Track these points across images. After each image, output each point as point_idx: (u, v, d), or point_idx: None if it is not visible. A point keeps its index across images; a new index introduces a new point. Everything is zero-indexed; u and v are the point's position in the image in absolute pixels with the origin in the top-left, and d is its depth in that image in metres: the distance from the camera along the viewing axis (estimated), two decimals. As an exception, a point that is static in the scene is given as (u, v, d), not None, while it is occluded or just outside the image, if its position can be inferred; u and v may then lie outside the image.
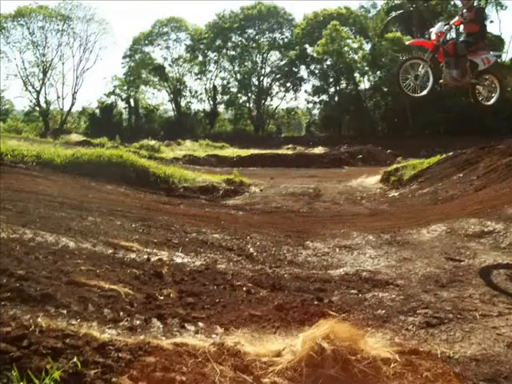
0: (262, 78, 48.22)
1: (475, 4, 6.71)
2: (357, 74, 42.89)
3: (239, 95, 48.90)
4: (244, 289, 3.91)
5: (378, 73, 40.91)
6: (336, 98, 43.56)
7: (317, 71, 44.78)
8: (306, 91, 48.36)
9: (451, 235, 6.25)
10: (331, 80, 43.55)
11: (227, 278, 4.17)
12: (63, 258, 3.87)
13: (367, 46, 42.19)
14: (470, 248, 5.60)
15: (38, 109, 47.12)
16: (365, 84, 43.31)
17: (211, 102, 48.83)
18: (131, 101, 48.66)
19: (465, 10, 6.46)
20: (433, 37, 6.50)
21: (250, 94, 48.60)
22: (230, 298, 3.66)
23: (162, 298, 3.46)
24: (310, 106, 46.55)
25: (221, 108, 49.84)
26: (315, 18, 44.78)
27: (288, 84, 47.56)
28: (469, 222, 6.59)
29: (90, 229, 5.27)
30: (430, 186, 11.20)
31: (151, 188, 10.78)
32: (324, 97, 44.45)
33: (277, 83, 48.25)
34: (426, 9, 37.76)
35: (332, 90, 43.99)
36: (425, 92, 6.54)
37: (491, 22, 36.41)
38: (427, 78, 6.53)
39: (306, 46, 45.18)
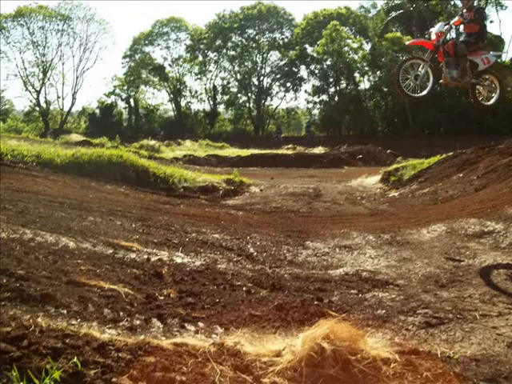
0: (262, 78, 48.34)
1: (475, 4, 6.71)
2: (357, 74, 43.03)
3: (239, 95, 48.96)
4: (244, 289, 3.90)
5: (378, 73, 40.94)
6: (336, 98, 43.60)
7: (317, 71, 44.88)
8: (306, 91, 48.55)
9: (451, 235, 6.25)
10: (331, 80, 43.62)
11: (227, 278, 4.17)
12: (63, 258, 3.87)
13: (367, 46, 42.33)
14: (469, 248, 5.59)
15: (38, 109, 47.16)
16: (365, 84, 43.47)
17: (211, 102, 48.95)
18: (131, 101, 48.76)
19: (465, 10, 6.47)
20: (433, 37, 6.50)
21: (250, 94, 48.67)
22: (230, 297, 3.66)
23: (161, 298, 3.46)
24: (310, 106, 46.70)
25: (221, 108, 49.99)
26: (315, 18, 44.84)
27: (288, 84, 47.62)
28: (469, 222, 6.58)
29: (90, 229, 5.27)
30: (430, 186, 11.19)
31: (151, 188, 10.78)
32: (324, 97, 44.58)
33: (277, 83, 48.36)
34: (426, 9, 37.75)
35: (332, 89, 44.09)
36: (425, 92, 6.54)
37: (491, 22, 36.48)
38: (427, 78, 6.53)
39: (306, 45, 45.29)
